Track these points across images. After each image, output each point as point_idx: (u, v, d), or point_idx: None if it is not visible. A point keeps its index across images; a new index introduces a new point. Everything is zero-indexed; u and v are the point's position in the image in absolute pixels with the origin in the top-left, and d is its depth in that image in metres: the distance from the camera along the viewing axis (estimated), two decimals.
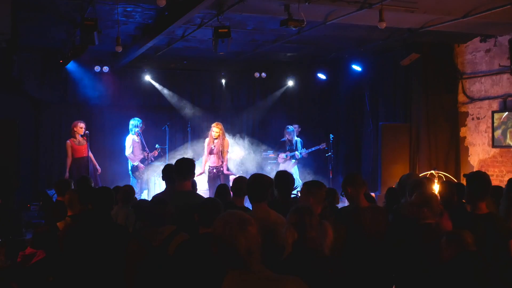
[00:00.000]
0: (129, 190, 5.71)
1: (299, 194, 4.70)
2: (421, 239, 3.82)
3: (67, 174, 9.41)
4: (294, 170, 10.76)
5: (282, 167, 10.66)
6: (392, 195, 5.67)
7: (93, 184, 6.79)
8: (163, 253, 3.62)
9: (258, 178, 4.11)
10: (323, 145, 10.90)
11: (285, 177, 4.66)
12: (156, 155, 10.05)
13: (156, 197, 4.70)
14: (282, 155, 10.78)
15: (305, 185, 4.32)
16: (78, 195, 4.95)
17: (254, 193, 4.02)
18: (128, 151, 9.88)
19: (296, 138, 11.10)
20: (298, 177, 10.76)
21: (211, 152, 9.43)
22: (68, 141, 9.54)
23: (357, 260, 4.08)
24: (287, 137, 10.98)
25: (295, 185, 5.59)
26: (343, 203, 5.81)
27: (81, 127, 9.54)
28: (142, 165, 9.89)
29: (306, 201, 4.05)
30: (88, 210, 4.42)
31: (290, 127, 11.04)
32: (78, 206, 4.85)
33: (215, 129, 9.43)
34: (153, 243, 3.71)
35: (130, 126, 10.01)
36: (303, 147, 11.00)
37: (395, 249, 4.05)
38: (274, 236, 3.58)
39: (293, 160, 10.89)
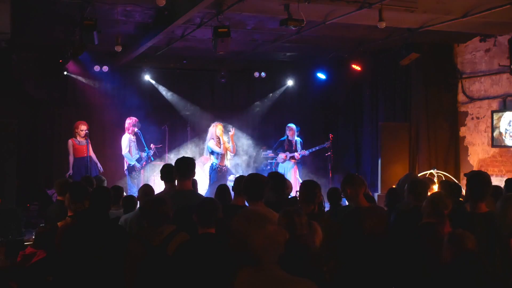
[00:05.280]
0: (147, 189, 5.48)
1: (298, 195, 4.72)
2: (421, 238, 3.84)
3: (71, 171, 9.48)
4: (294, 170, 10.69)
5: (281, 167, 10.60)
6: (393, 195, 5.69)
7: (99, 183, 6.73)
8: (163, 253, 3.62)
9: (255, 178, 4.17)
10: (327, 144, 10.75)
11: (277, 178, 4.68)
12: (152, 154, 10.04)
13: (156, 196, 4.69)
14: (283, 155, 10.64)
15: (302, 185, 4.35)
16: (70, 194, 4.85)
17: (251, 192, 4.07)
18: (124, 151, 9.88)
19: (296, 138, 10.93)
20: (298, 177, 10.72)
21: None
22: (69, 140, 9.64)
23: (358, 260, 4.08)
24: (288, 135, 10.65)
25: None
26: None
27: (82, 129, 9.56)
28: (138, 164, 9.89)
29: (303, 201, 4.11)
30: (86, 210, 4.41)
31: (293, 125, 10.84)
32: (74, 206, 4.80)
33: (221, 127, 9.49)
34: (152, 243, 3.71)
35: (126, 125, 10.01)
36: (302, 147, 10.83)
37: (396, 249, 4.06)
38: None
39: (293, 160, 10.72)
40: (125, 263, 3.76)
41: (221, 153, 9.36)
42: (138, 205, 5.30)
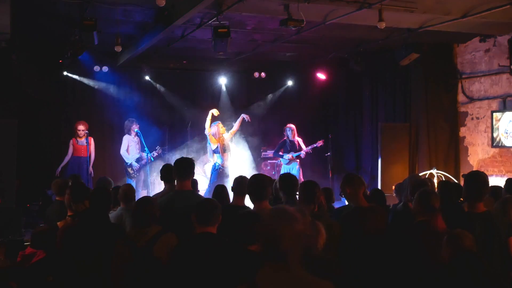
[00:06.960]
0: (128, 189, 5.53)
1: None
2: (417, 237, 3.84)
3: (59, 169, 9.60)
4: (297, 170, 10.62)
5: (285, 168, 10.50)
6: (378, 196, 5.69)
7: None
8: (148, 254, 3.59)
9: (259, 178, 4.27)
10: (319, 143, 10.64)
11: (289, 180, 4.67)
12: (155, 156, 10.04)
13: (143, 197, 4.68)
14: (289, 156, 10.49)
15: (302, 185, 4.35)
16: (70, 194, 4.84)
17: (256, 192, 4.14)
18: (122, 150, 9.90)
19: (297, 137, 10.79)
20: (301, 178, 10.66)
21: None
22: (71, 139, 9.76)
23: (357, 260, 4.08)
24: (289, 136, 10.44)
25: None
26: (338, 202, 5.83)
27: (79, 129, 9.63)
28: (136, 164, 9.89)
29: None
30: (86, 210, 4.40)
31: (293, 125, 10.74)
32: (74, 205, 4.79)
33: (221, 125, 9.48)
34: (137, 244, 3.67)
35: (125, 125, 10.02)
36: (305, 145, 10.71)
37: (394, 249, 4.06)
38: None
39: (297, 160, 10.59)
40: (112, 264, 3.72)
41: (217, 147, 9.34)
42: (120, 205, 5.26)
